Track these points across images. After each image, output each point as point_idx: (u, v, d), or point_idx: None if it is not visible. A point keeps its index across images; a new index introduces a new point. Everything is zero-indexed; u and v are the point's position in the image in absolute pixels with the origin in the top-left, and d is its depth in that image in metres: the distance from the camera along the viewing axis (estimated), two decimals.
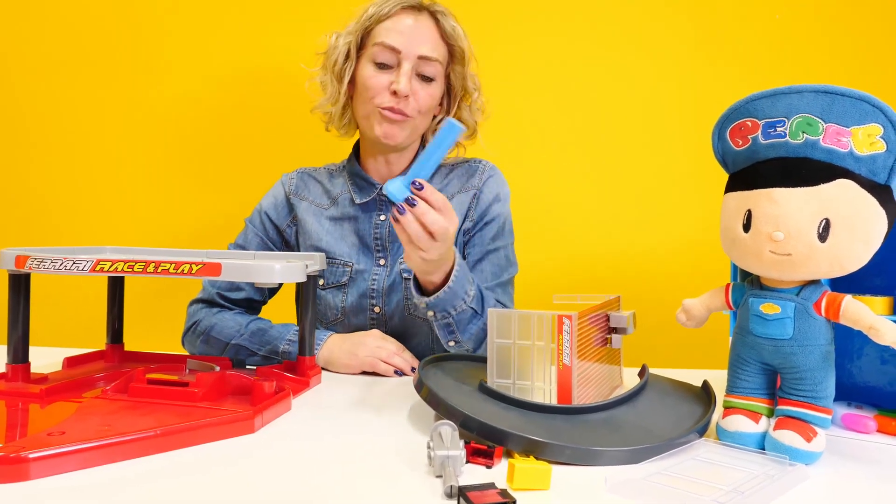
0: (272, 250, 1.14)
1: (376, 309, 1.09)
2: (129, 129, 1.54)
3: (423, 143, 1.16)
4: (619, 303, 0.93)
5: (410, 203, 0.77)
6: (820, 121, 0.61)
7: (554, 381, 0.71)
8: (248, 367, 0.99)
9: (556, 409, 0.69)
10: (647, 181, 1.48)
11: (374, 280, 1.09)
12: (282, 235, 1.15)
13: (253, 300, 1.13)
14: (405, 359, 0.99)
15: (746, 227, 0.64)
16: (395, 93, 1.03)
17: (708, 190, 1.43)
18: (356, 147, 1.17)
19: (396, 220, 0.79)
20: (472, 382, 0.77)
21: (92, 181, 1.55)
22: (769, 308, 0.64)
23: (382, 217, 1.11)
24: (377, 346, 0.99)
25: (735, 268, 0.79)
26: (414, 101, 1.05)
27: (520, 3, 1.48)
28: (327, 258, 1.09)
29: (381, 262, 1.11)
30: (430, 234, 0.79)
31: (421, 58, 1.04)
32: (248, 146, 1.52)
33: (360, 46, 1.08)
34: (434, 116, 1.14)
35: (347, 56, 1.07)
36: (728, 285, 0.71)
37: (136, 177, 1.54)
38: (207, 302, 1.10)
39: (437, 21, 1.07)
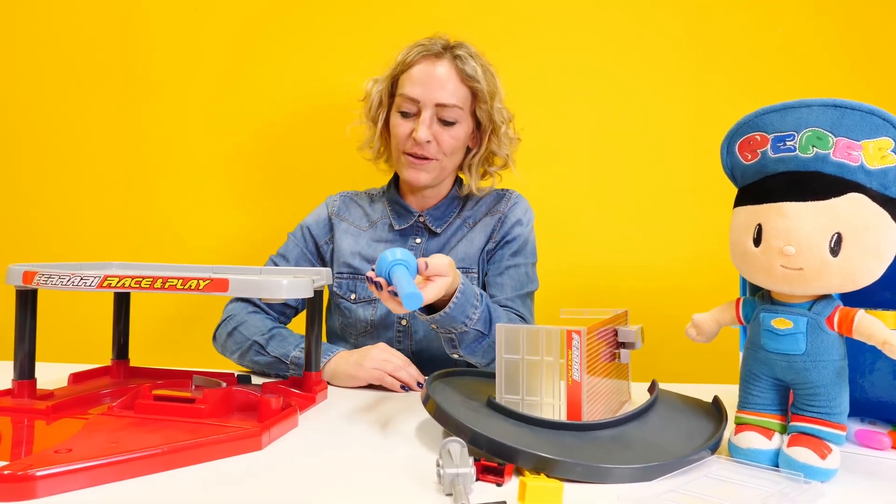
0: (309, 261, 1.21)
1: (403, 322, 1.15)
2: (141, 144, 1.55)
3: (457, 179, 1.23)
4: (626, 317, 0.92)
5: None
6: (830, 134, 0.61)
7: (563, 396, 0.71)
8: (253, 382, 0.98)
9: (565, 426, 0.68)
10: (654, 194, 1.48)
11: None
12: (319, 250, 1.22)
13: (288, 306, 1.20)
14: (411, 374, 0.99)
15: (757, 242, 0.63)
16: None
17: (715, 203, 1.43)
18: (396, 175, 1.24)
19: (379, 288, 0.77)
20: (479, 398, 0.76)
21: (101, 195, 1.55)
22: (781, 323, 0.63)
23: (418, 240, 1.19)
24: (383, 358, 0.99)
25: (744, 282, 0.78)
26: (436, 145, 1.12)
27: (524, 20, 1.49)
28: (360, 275, 1.18)
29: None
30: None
31: (439, 105, 1.10)
32: (271, 166, 1.52)
33: (391, 93, 1.16)
34: (469, 149, 1.20)
35: (380, 104, 1.17)
36: (738, 300, 0.70)
37: (146, 190, 1.55)
38: (245, 300, 1.16)
39: (457, 65, 1.12)
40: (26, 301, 0.81)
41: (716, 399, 0.78)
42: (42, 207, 1.56)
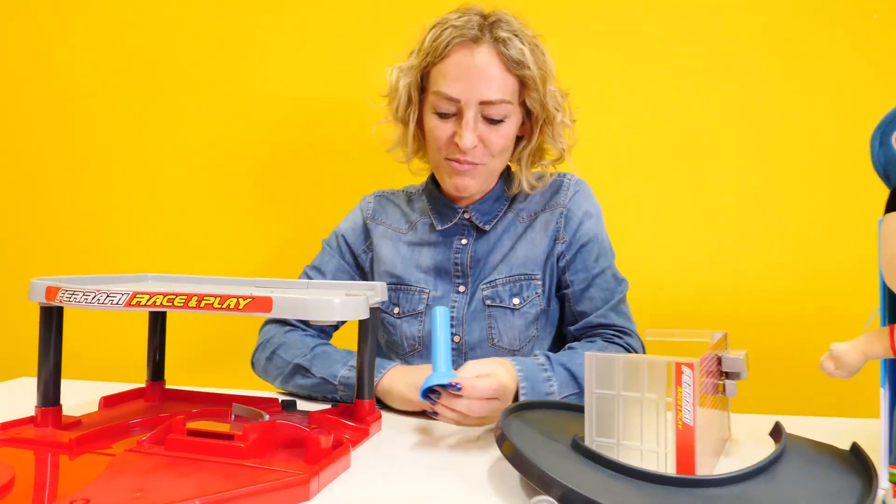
0: (348, 273, 1.10)
1: (455, 338, 1.02)
2: (178, 153, 1.49)
3: (509, 173, 1.08)
4: (726, 342, 0.79)
5: (455, 387, 0.74)
6: None
7: (670, 443, 0.58)
8: (298, 408, 0.88)
9: (676, 481, 0.56)
10: (754, 196, 1.31)
11: (453, 308, 1.03)
12: (357, 261, 1.11)
13: (325, 326, 1.09)
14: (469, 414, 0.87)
15: None
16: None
17: (822, 207, 1.27)
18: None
19: (440, 408, 0.77)
20: (562, 437, 0.65)
21: (143, 203, 1.50)
22: None
23: (464, 241, 1.05)
24: None
25: (886, 303, 0.64)
26: (483, 149, 0.97)
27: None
28: (402, 285, 1.05)
29: (461, 288, 1.04)
30: (489, 399, 0.77)
31: (483, 103, 0.94)
32: (308, 169, 1.44)
33: (422, 88, 1.01)
34: (520, 138, 1.04)
35: (409, 101, 1.01)
36: (893, 327, 0.57)
37: (188, 200, 1.48)
38: (280, 321, 1.06)
39: (500, 50, 0.94)
40: (51, 319, 0.72)
41: (855, 447, 0.64)
42: (74, 216, 1.52)
